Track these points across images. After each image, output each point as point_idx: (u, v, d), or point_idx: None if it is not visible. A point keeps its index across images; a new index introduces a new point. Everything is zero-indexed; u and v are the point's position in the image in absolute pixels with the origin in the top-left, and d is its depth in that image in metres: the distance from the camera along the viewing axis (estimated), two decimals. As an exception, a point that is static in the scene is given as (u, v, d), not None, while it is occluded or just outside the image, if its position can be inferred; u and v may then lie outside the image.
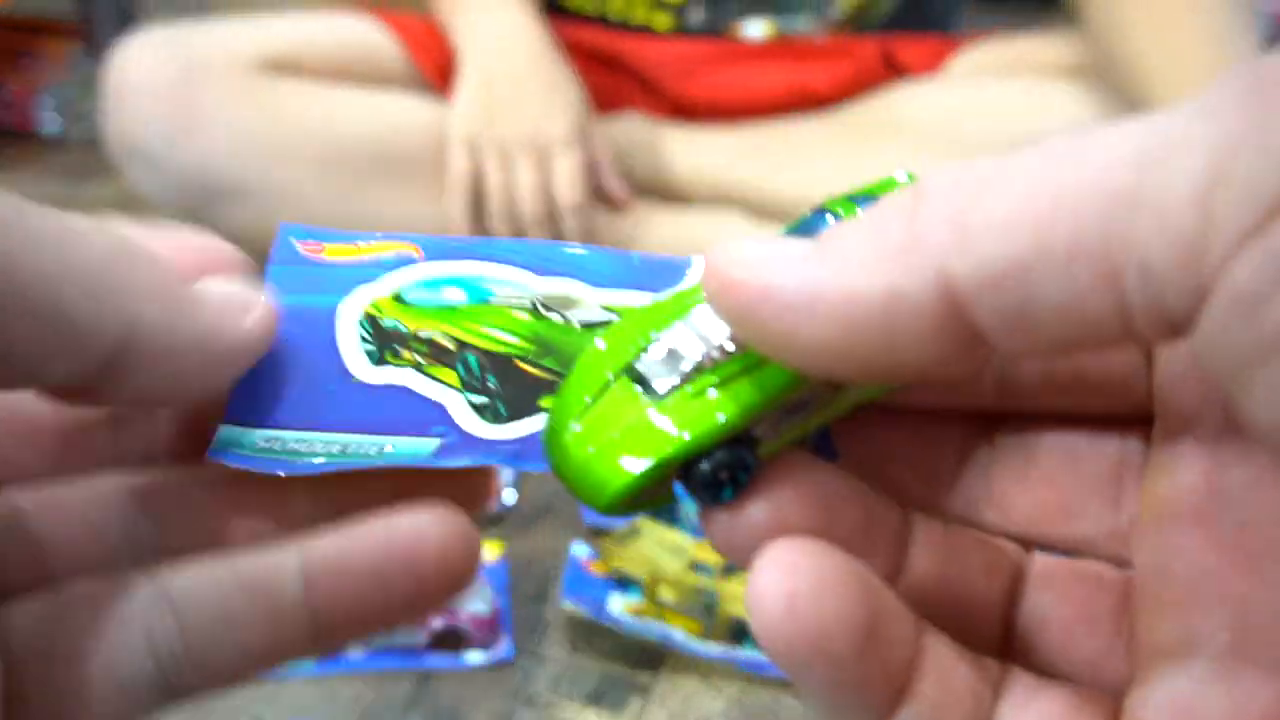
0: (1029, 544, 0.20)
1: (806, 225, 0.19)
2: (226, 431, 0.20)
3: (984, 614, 0.19)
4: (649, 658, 0.62)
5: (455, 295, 0.22)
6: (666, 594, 0.65)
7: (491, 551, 0.68)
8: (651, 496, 0.18)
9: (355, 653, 0.60)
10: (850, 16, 1.09)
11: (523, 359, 0.21)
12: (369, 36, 1.02)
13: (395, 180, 0.96)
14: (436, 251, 0.22)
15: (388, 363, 0.21)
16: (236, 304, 0.19)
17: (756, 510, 0.17)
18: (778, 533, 0.17)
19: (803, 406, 0.17)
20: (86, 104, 1.42)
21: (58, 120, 1.55)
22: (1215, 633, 0.16)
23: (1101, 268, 0.13)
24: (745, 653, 0.63)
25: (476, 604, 0.62)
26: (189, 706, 0.19)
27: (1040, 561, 0.20)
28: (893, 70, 1.06)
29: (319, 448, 0.20)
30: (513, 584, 0.66)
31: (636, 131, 1.04)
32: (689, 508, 0.16)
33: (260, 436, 0.20)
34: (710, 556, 0.67)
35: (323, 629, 0.19)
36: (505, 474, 0.73)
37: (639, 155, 1.00)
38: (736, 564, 0.17)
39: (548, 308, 0.22)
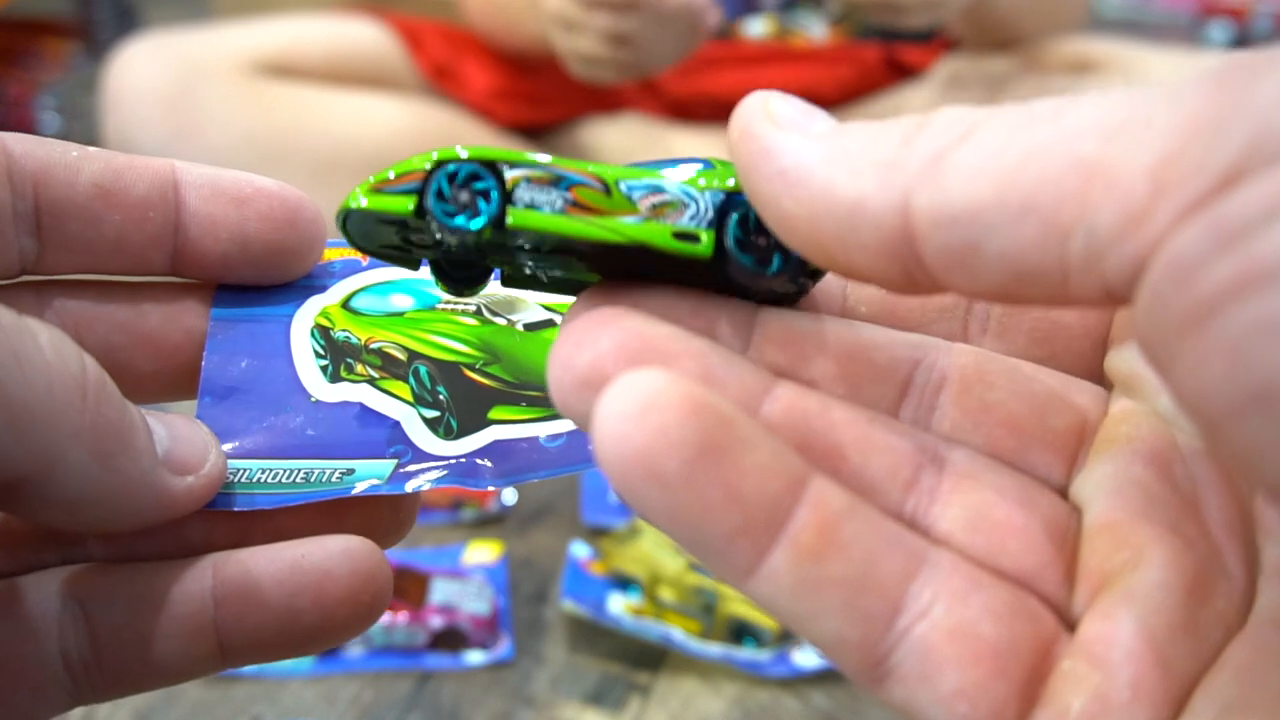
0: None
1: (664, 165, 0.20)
2: None
3: (887, 486, 0.17)
4: (649, 658, 0.62)
5: (403, 301, 0.22)
6: (666, 594, 0.65)
7: (491, 551, 0.68)
8: (391, 239, 0.18)
9: (355, 652, 0.60)
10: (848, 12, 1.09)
11: (471, 367, 0.22)
12: (368, 37, 1.02)
13: None
14: None
15: (343, 379, 0.21)
16: (179, 459, 0.18)
17: (579, 357, 0.16)
18: (599, 380, 0.16)
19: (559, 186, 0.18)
20: (86, 103, 1.42)
21: (57, 120, 1.55)
22: (1166, 567, 0.16)
23: (1049, 226, 0.14)
24: (745, 653, 0.62)
25: (476, 604, 0.62)
26: (188, 706, 0.19)
27: (965, 461, 0.18)
28: (896, 71, 1.06)
29: (283, 478, 0.20)
30: (513, 584, 0.66)
31: (636, 132, 1.03)
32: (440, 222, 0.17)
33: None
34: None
35: (228, 649, 0.19)
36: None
37: (639, 155, 1.00)
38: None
39: (493, 311, 0.22)
